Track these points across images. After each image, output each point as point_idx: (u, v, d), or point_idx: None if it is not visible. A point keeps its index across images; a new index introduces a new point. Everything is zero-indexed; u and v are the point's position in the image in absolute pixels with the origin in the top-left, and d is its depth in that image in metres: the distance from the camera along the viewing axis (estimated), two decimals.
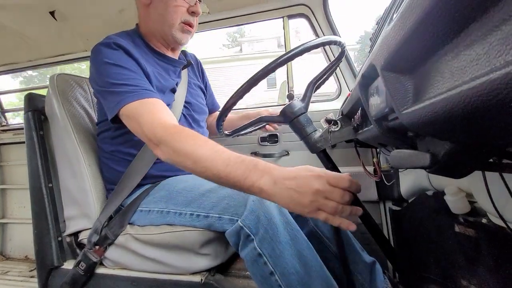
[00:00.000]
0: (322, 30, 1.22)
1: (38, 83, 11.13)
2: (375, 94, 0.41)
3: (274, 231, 0.62)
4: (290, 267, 0.60)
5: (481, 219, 0.63)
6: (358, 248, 0.84)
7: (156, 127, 0.60)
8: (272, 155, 1.30)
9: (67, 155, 0.86)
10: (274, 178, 0.46)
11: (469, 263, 0.68)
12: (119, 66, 0.69)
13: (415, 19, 0.22)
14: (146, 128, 0.62)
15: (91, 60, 0.73)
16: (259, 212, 0.63)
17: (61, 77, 0.90)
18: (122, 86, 0.67)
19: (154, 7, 0.79)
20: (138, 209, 0.79)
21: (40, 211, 0.90)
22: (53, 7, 1.18)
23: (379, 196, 1.15)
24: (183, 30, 0.82)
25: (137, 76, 0.70)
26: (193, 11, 0.81)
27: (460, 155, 0.28)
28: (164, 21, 0.79)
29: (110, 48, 0.71)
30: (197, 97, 0.97)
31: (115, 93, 0.67)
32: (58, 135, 0.88)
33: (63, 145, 0.87)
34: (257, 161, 0.50)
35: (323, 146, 0.67)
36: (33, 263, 1.61)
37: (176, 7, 0.78)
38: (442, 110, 0.21)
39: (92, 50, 0.73)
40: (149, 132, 0.61)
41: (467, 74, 0.18)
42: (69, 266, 0.87)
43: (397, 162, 0.36)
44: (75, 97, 0.91)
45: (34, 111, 0.93)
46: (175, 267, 0.75)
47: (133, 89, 0.67)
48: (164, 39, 0.84)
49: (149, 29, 0.84)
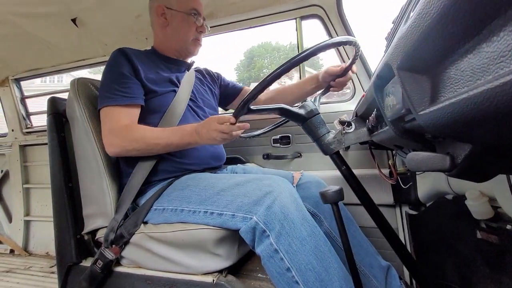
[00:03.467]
0: (336, 30, 1.20)
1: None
2: (390, 95, 0.40)
3: (290, 226, 0.61)
4: (308, 263, 0.59)
5: (506, 225, 0.60)
6: (373, 252, 0.82)
7: (112, 128, 0.81)
8: (285, 157, 1.30)
9: (86, 156, 0.90)
10: (199, 133, 0.76)
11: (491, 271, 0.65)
12: (115, 71, 0.85)
13: (433, 16, 0.21)
14: (106, 127, 0.83)
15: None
16: (275, 207, 0.63)
17: (81, 81, 0.94)
18: (109, 89, 0.84)
19: (171, 28, 0.97)
20: (153, 207, 0.81)
21: (60, 210, 0.94)
22: (74, 14, 1.24)
23: (395, 200, 1.12)
24: (195, 44, 1.02)
25: (126, 80, 0.84)
26: (201, 31, 1.01)
27: (482, 157, 0.27)
28: (180, 38, 0.99)
29: (117, 55, 0.88)
30: (203, 93, 1.07)
31: (103, 94, 0.84)
32: (78, 137, 0.91)
33: (83, 146, 0.90)
34: (183, 127, 0.81)
35: (336, 148, 0.66)
36: (53, 259, 1.68)
37: (188, 27, 0.97)
38: (463, 111, 0.20)
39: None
40: (106, 131, 0.82)
41: (491, 73, 0.18)
42: (87, 263, 0.90)
43: (414, 165, 0.35)
44: (94, 100, 0.95)
45: (56, 114, 0.98)
46: (187, 266, 0.76)
47: (115, 94, 0.82)
48: (178, 51, 1.02)
49: (166, 45, 1.01)
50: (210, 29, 1.07)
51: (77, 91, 0.91)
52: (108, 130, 0.82)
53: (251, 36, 57.62)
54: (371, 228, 0.97)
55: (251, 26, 1.34)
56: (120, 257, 0.83)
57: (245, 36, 62.68)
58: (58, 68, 1.73)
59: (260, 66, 25.32)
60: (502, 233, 0.61)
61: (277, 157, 1.31)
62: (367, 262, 0.79)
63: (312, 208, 0.87)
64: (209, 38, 1.28)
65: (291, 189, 0.70)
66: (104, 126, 0.83)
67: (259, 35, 57.86)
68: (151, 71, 0.91)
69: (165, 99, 0.91)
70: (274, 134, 1.30)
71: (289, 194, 0.67)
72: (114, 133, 0.81)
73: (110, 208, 0.86)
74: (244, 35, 63.49)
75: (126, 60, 0.87)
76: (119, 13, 1.24)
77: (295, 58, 0.59)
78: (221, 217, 0.70)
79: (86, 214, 0.92)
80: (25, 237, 1.90)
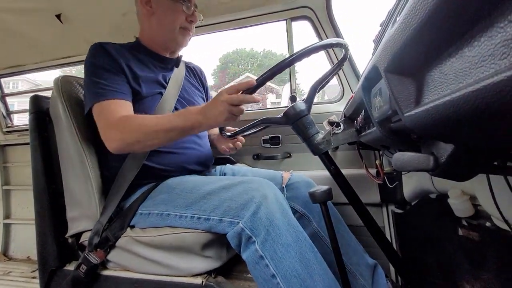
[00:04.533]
0: (326, 32, 1.22)
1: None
2: (378, 96, 0.41)
3: (276, 233, 0.61)
4: (292, 270, 0.59)
5: (485, 223, 0.63)
6: (360, 250, 0.84)
7: (109, 120, 0.74)
8: (275, 157, 1.30)
9: (70, 157, 0.87)
10: (203, 113, 0.68)
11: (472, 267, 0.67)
12: (98, 66, 0.79)
13: (418, 21, 0.22)
14: (102, 123, 0.75)
15: (84, 61, 0.83)
16: (261, 214, 0.63)
17: (65, 79, 0.91)
18: (97, 85, 0.77)
19: (156, 17, 0.89)
20: (138, 212, 0.79)
21: (43, 212, 0.91)
22: (59, 10, 1.20)
23: (382, 199, 1.14)
24: (183, 34, 0.92)
25: (111, 76, 0.79)
26: (191, 20, 0.91)
27: (464, 158, 0.28)
28: (166, 27, 0.90)
29: (95, 49, 0.82)
30: (193, 94, 1.01)
31: (91, 92, 0.78)
32: (62, 137, 0.88)
33: (66, 146, 0.87)
34: (186, 109, 0.72)
35: (326, 148, 0.67)
36: (35, 264, 1.61)
37: (176, 16, 0.88)
38: (446, 113, 0.21)
39: (87, 53, 0.83)
40: (103, 126, 0.75)
41: (472, 76, 0.18)
42: (70, 267, 0.87)
43: (400, 165, 0.36)
44: (79, 99, 0.92)
45: (39, 112, 0.94)
46: (176, 269, 0.75)
47: (104, 89, 0.76)
48: (165, 43, 0.94)
49: (152, 36, 0.93)
50: (199, 28, 1.02)
51: (60, 90, 0.88)
52: (106, 125, 0.74)
53: (226, 42, 57.47)
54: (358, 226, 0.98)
55: (242, 26, 1.34)
56: (105, 260, 0.81)
57: (220, 41, 62.52)
58: (41, 66, 1.66)
59: (234, 72, 25.39)
60: (482, 230, 0.64)
61: (267, 157, 1.32)
62: (355, 260, 0.80)
63: (301, 208, 0.88)
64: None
65: (278, 193, 0.70)
66: (101, 123, 0.76)
67: (233, 40, 57.85)
68: (135, 68, 0.85)
69: (149, 103, 0.85)
70: (264, 134, 1.31)
71: (275, 199, 0.66)
72: (112, 126, 0.73)
73: (95, 211, 0.84)
74: (219, 40, 63.25)
75: (106, 55, 0.81)
76: (105, 10, 1.21)
77: (287, 60, 0.59)
78: (208, 222, 0.69)
79: (70, 217, 0.89)
80: (4, 241, 1.82)
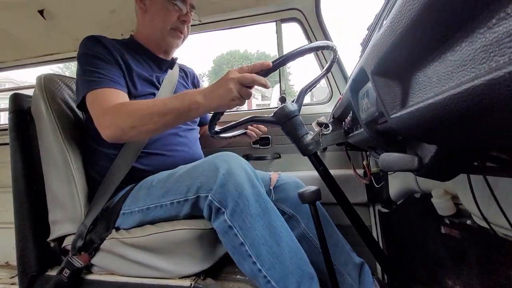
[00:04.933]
0: (315, 34, 1.23)
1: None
2: (365, 98, 0.42)
3: (245, 204, 0.63)
4: (260, 238, 0.62)
5: (466, 221, 0.65)
6: (348, 250, 0.85)
7: (104, 108, 0.70)
8: (264, 158, 1.31)
9: (53, 157, 0.84)
10: (203, 93, 0.64)
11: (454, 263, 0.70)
12: (93, 56, 0.77)
13: (404, 25, 0.22)
14: (98, 111, 0.71)
15: (77, 53, 0.81)
16: (229, 185, 0.64)
17: (49, 77, 0.88)
18: (92, 74, 0.74)
19: (149, 14, 0.88)
20: (122, 212, 0.77)
21: (23, 215, 0.87)
22: (41, 6, 1.16)
23: (369, 199, 1.17)
24: (173, 36, 0.90)
25: (107, 65, 0.77)
26: (184, 20, 0.88)
27: (446, 158, 0.29)
28: (157, 25, 0.88)
29: (90, 40, 0.80)
30: None
31: (86, 80, 0.75)
32: (44, 136, 0.85)
33: (49, 146, 0.84)
34: (185, 91, 0.70)
35: (315, 149, 0.68)
36: (14, 269, 1.54)
37: (167, 15, 0.86)
38: (429, 115, 0.22)
39: (80, 44, 0.81)
40: (98, 114, 0.71)
41: (453, 80, 0.19)
42: (52, 272, 0.84)
43: (386, 165, 0.37)
44: (63, 97, 0.89)
45: (20, 111, 0.90)
46: (163, 271, 0.74)
47: (100, 78, 0.74)
48: (157, 42, 0.92)
49: (145, 34, 0.92)
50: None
51: (43, 88, 0.85)
52: (100, 112, 0.71)
53: (220, 43, 57.52)
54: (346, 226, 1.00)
55: (232, 27, 1.34)
56: (89, 264, 0.78)
57: (214, 42, 62.39)
58: (23, 63, 1.60)
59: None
60: (463, 228, 0.66)
61: (256, 158, 1.32)
62: (342, 260, 0.82)
63: (290, 209, 0.88)
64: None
65: (246, 166, 0.70)
66: (94, 110, 0.72)
67: (228, 42, 57.94)
68: (131, 62, 0.83)
69: None
70: None
71: (244, 171, 0.67)
72: (106, 112, 0.70)
73: (80, 213, 0.81)
74: (214, 41, 63.09)
75: (100, 45, 0.79)
76: (92, 7, 1.18)
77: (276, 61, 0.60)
78: (187, 202, 0.70)
79: (52, 220, 0.86)
80: None
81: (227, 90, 0.60)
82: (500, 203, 0.44)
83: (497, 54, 0.15)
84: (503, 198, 0.46)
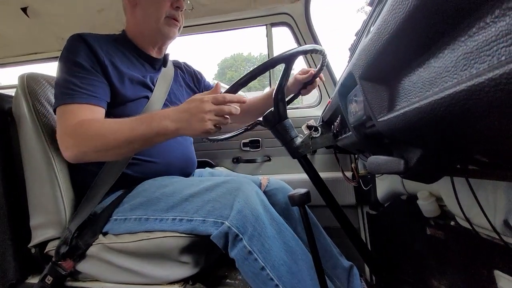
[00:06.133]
0: (304, 38, 1.25)
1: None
2: (353, 102, 0.42)
3: (261, 227, 0.63)
4: (279, 259, 0.62)
5: (450, 222, 0.67)
6: (336, 253, 0.86)
7: (66, 127, 0.66)
8: (254, 160, 1.31)
9: (35, 159, 0.81)
10: (171, 117, 0.60)
11: (439, 264, 0.71)
12: (74, 62, 0.72)
13: (390, 32, 0.23)
14: (60, 129, 0.68)
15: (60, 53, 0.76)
16: (246, 211, 0.64)
17: (32, 76, 0.85)
18: (68, 84, 0.70)
19: (140, 7, 0.83)
20: (113, 217, 0.75)
21: (2, 220, 0.83)
22: (25, 3, 1.12)
23: (357, 201, 1.19)
24: (169, 24, 0.85)
25: (88, 75, 0.72)
26: (177, 6, 0.84)
27: (431, 161, 0.30)
28: (150, 17, 0.83)
29: (74, 40, 0.75)
30: (180, 97, 0.96)
31: (60, 91, 0.71)
32: (26, 138, 0.82)
33: (31, 148, 0.81)
34: (152, 113, 0.63)
35: (304, 151, 0.69)
36: None
37: (160, 3, 0.82)
38: (414, 119, 0.22)
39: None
40: (60, 132, 0.68)
41: (437, 85, 0.20)
42: (34, 280, 0.80)
43: (373, 168, 0.38)
44: (47, 97, 0.86)
45: (0, 112, 0.87)
46: (151, 277, 0.72)
47: (75, 90, 0.69)
48: (152, 36, 0.87)
49: (137, 29, 0.87)
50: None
51: (26, 88, 0.81)
52: (62, 131, 0.67)
53: (223, 47, 57.72)
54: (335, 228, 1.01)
55: (222, 30, 1.34)
56: (74, 271, 0.75)
57: (219, 45, 62.53)
58: (4, 62, 1.54)
59: (230, 76, 25.69)
60: (447, 229, 0.68)
61: (246, 161, 1.32)
62: (331, 264, 0.82)
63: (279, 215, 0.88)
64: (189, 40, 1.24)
65: (258, 190, 0.71)
66: (58, 126, 0.69)
67: (232, 46, 58.21)
68: (120, 65, 0.78)
69: (134, 108, 0.79)
70: (243, 137, 1.31)
71: (257, 196, 0.68)
72: (66, 133, 0.66)
73: (64, 217, 0.78)
74: (218, 44, 63.22)
75: (86, 48, 0.73)
76: (78, 6, 1.15)
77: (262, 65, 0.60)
78: (191, 223, 0.68)
79: (34, 225, 0.82)
80: None
81: (200, 121, 0.58)
82: (481, 204, 0.45)
83: (477, 62, 0.15)
84: (484, 199, 0.48)
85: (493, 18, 0.14)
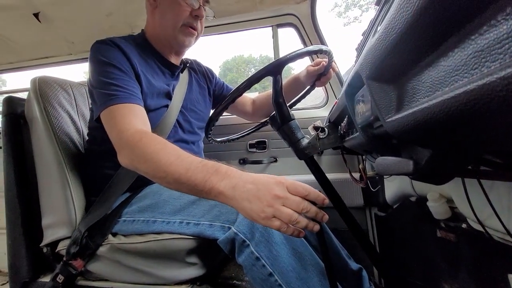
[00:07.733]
0: (310, 39, 1.25)
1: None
2: (360, 103, 0.42)
3: (268, 233, 0.62)
4: (288, 265, 0.61)
5: (461, 224, 0.66)
6: (344, 256, 0.85)
7: (123, 132, 0.62)
8: (261, 162, 1.31)
9: (47, 161, 0.83)
10: (234, 182, 0.48)
11: (450, 267, 0.70)
12: (110, 65, 0.70)
13: (398, 31, 0.23)
14: (115, 132, 0.64)
15: (89, 58, 0.74)
16: None
17: (43, 80, 0.87)
18: (109, 86, 0.68)
19: (159, 10, 0.82)
20: (122, 218, 0.76)
21: (15, 220, 0.85)
22: (37, 9, 1.15)
23: (365, 202, 1.17)
24: (185, 33, 0.83)
25: (126, 77, 0.71)
26: (196, 15, 0.82)
27: (441, 162, 0.29)
28: (167, 22, 0.81)
29: (107, 45, 0.74)
30: (195, 102, 0.96)
31: (102, 94, 0.68)
32: (38, 140, 0.84)
33: (43, 150, 0.83)
34: (219, 165, 0.52)
35: (311, 152, 0.68)
36: (5, 276, 1.51)
37: (178, 10, 0.79)
38: (423, 119, 0.22)
39: (91, 48, 0.75)
40: (116, 136, 0.63)
41: (447, 85, 0.19)
42: (46, 279, 0.82)
43: (382, 169, 0.37)
44: (58, 100, 0.88)
45: (13, 114, 0.89)
46: (160, 277, 0.73)
47: (118, 91, 0.68)
48: (168, 41, 0.85)
49: (155, 32, 0.86)
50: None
51: (38, 91, 0.84)
52: (118, 136, 0.63)
53: (225, 48, 57.98)
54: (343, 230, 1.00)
55: (229, 31, 1.35)
56: (84, 270, 0.77)
57: (220, 47, 62.81)
58: (17, 66, 1.59)
59: (231, 78, 25.86)
60: (458, 232, 0.67)
61: (253, 162, 1.32)
62: (339, 267, 0.81)
63: None
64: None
65: None
66: (111, 130, 0.65)
67: (233, 48, 58.41)
68: (149, 75, 0.77)
69: (154, 116, 0.78)
70: (250, 139, 1.31)
71: None
72: (125, 139, 0.61)
73: (74, 217, 0.80)
74: (220, 46, 63.49)
75: (121, 54, 0.73)
76: (88, 10, 1.17)
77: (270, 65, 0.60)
78: (197, 226, 0.68)
79: (46, 225, 0.84)
80: None
81: (266, 204, 0.44)
82: (494, 206, 0.44)
83: (489, 60, 0.15)
84: (497, 201, 0.46)
85: (505, 15, 0.14)
